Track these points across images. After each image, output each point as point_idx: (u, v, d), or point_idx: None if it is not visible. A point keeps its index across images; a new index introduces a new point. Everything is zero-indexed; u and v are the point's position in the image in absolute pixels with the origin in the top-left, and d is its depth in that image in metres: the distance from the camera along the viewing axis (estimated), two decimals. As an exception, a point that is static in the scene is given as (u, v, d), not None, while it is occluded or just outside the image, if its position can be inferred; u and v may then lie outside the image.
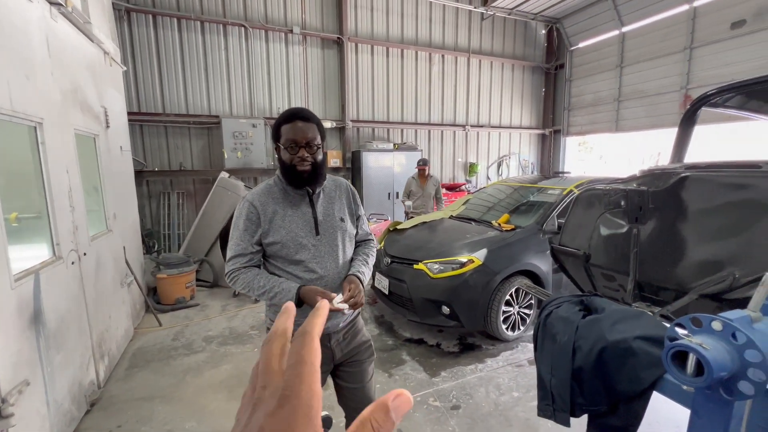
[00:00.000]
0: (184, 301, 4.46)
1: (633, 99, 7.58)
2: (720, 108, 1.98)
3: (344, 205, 1.54)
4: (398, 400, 0.24)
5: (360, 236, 1.62)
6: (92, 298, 2.77)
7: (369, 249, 1.62)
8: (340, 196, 1.54)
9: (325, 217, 1.47)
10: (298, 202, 1.45)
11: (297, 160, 1.36)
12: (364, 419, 0.23)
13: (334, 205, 1.51)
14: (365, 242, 1.65)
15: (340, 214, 1.50)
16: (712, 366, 0.64)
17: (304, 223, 1.43)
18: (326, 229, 1.46)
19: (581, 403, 1.25)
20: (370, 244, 1.65)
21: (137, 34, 5.68)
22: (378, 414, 0.23)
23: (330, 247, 1.45)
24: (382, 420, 0.23)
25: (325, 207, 1.49)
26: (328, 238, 1.45)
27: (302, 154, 1.35)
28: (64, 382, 2.27)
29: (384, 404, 0.24)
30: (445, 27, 7.97)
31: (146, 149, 5.95)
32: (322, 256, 1.43)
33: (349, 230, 1.52)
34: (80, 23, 2.93)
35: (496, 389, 2.81)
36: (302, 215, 1.44)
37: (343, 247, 1.49)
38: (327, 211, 1.48)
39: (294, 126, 1.36)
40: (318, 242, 1.43)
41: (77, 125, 2.78)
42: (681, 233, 1.50)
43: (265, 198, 1.43)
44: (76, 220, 2.60)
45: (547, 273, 3.58)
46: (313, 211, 1.45)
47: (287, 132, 1.36)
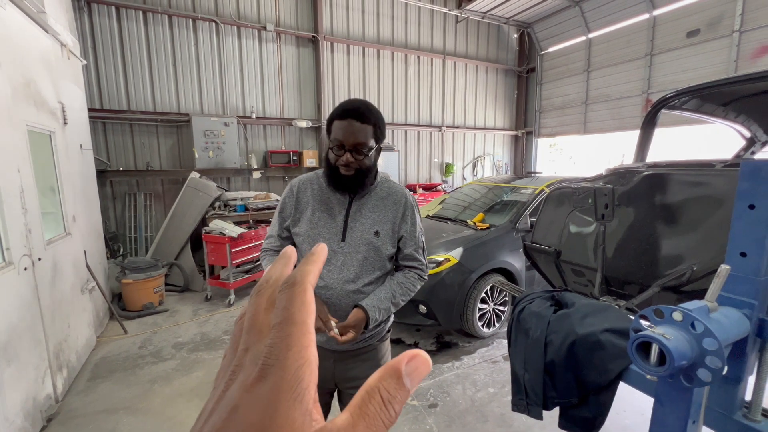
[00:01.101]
0: (152, 306, 4.26)
1: (599, 102, 7.92)
2: (678, 110, 2.09)
3: (388, 219, 1.33)
4: (413, 362, 0.20)
5: (404, 256, 1.38)
6: (48, 306, 2.59)
7: (407, 280, 1.37)
8: (387, 207, 1.34)
9: (357, 225, 1.31)
10: (336, 203, 1.32)
11: (341, 163, 1.23)
12: (371, 389, 0.19)
13: (375, 214, 1.33)
14: (409, 269, 1.39)
15: (377, 227, 1.31)
16: (673, 355, 0.66)
17: (333, 225, 1.31)
18: (353, 238, 1.30)
19: (553, 396, 1.28)
20: (412, 275, 1.38)
21: (99, 27, 5.38)
22: (388, 381, 0.19)
23: (350, 259, 1.29)
24: (394, 388, 0.19)
25: (363, 215, 1.32)
26: (351, 248, 1.29)
27: (347, 158, 1.21)
28: (16, 398, 2.11)
29: (396, 369, 0.19)
30: (421, 28, 8.04)
31: (110, 148, 5.64)
32: (338, 265, 1.29)
33: (382, 247, 1.32)
34: (33, 12, 2.74)
35: (473, 386, 2.85)
36: (333, 216, 1.31)
37: (366, 264, 1.30)
38: (363, 220, 1.31)
39: (346, 125, 1.21)
40: (340, 249, 1.29)
41: (30, 121, 2.59)
42: (644, 229, 1.56)
43: (305, 186, 1.36)
44: (29, 222, 2.42)
45: (521, 270, 3.67)
46: (346, 216, 1.31)
47: (337, 130, 1.22)
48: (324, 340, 1.32)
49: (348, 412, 0.18)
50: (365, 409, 0.18)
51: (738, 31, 5.66)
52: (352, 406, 0.19)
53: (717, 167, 1.41)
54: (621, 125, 7.52)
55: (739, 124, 2.32)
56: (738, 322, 0.80)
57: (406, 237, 1.36)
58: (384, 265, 1.34)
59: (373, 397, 0.19)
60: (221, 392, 0.20)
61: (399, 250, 1.37)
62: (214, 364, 3.18)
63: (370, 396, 0.19)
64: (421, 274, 1.40)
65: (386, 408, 0.18)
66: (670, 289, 1.44)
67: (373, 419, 0.18)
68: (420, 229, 1.40)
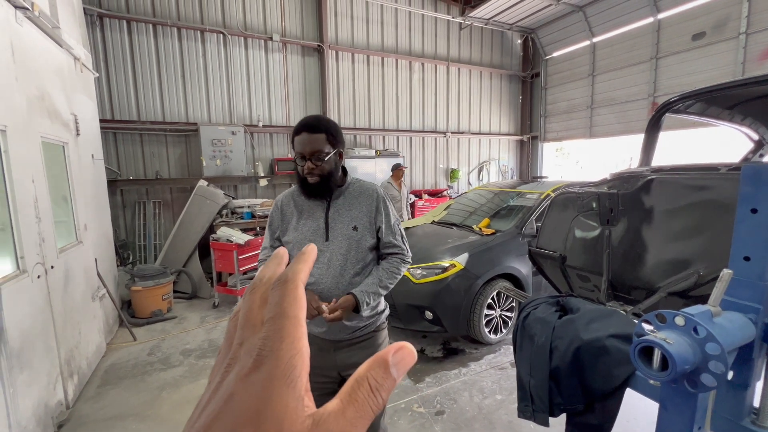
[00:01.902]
0: (160, 313, 4.31)
1: (605, 106, 7.89)
2: (683, 114, 2.09)
3: (363, 213, 1.47)
4: (399, 353, 0.21)
5: (384, 245, 1.51)
6: (60, 313, 2.64)
7: (391, 265, 1.49)
8: (362, 203, 1.48)
9: (337, 223, 1.46)
10: (315, 208, 1.48)
11: (306, 172, 1.39)
12: (360, 377, 0.20)
13: (351, 212, 1.47)
14: (391, 256, 1.52)
15: (354, 222, 1.46)
16: (675, 360, 0.66)
17: (315, 227, 1.46)
18: (335, 236, 1.45)
19: (559, 402, 1.27)
20: (395, 260, 1.51)
21: (111, 40, 5.53)
22: (376, 371, 0.21)
23: (334, 255, 1.43)
24: (381, 377, 0.20)
25: (340, 213, 1.47)
26: (335, 245, 1.44)
27: (309, 166, 1.37)
28: (28, 404, 2.15)
29: (383, 359, 0.21)
30: (425, 36, 8.12)
31: (120, 157, 5.76)
32: (324, 262, 1.43)
33: (361, 240, 1.46)
34: (48, 28, 2.83)
35: (480, 393, 2.82)
36: (315, 220, 1.47)
37: (349, 258, 1.44)
38: (341, 218, 1.46)
39: (301, 138, 1.38)
40: (326, 248, 1.44)
41: (44, 133, 2.67)
42: (649, 234, 1.55)
43: (287, 200, 1.53)
44: (43, 231, 2.48)
45: (527, 275, 3.65)
46: (326, 217, 1.46)
47: (297, 144, 1.40)
48: (324, 331, 1.46)
49: (338, 398, 0.20)
50: (354, 396, 0.20)
51: (744, 33, 5.63)
52: (342, 393, 0.20)
53: (722, 171, 1.41)
54: (627, 129, 7.48)
55: (746, 127, 2.30)
56: (743, 327, 0.80)
57: (383, 227, 1.50)
58: (365, 257, 1.48)
59: (362, 385, 0.20)
60: (217, 384, 0.21)
61: (379, 240, 1.51)
62: (221, 370, 3.20)
63: (359, 384, 0.20)
64: (402, 257, 1.53)
65: (374, 395, 0.20)
66: (677, 294, 1.42)
67: (361, 405, 0.19)
68: (394, 217, 1.55)
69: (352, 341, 1.48)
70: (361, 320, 1.47)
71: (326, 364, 1.48)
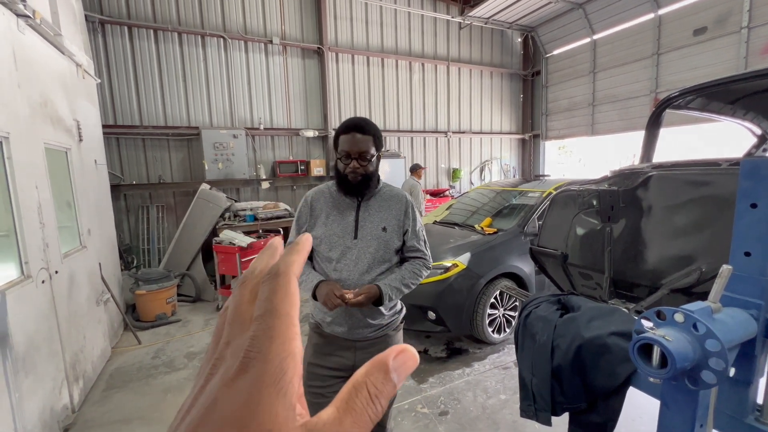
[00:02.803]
0: (164, 317, 4.33)
1: (606, 103, 7.86)
2: (683, 110, 2.07)
3: (393, 216, 1.52)
4: (401, 357, 0.20)
5: (408, 249, 1.55)
6: (65, 317, 2.66)
7: (414, 267, 1.53)
8: (392, 207, 1.54)
9: (367, 223, 1.49)
10: (346, 206, 1.51)
11: (349, 170, 1.43)
12: (358, 383, 0.19)
13: (381, 213, 1.52)
14: (414, 259, 1.56)
15: (384, 224, 1.50)
16: (674, 357, 0.66)
17: (345, 225, 1.48)
18: (364, 234, 1.48)
19: (561, 401, 1.27)
20: (418, 263, 1.55)
21: (112, 46, 5.58)
22: (375, 376, 0.19)
23: (363, 253, 1.46)
24: (381, 383, 0.19)
25: (371, 214, 1.51)
26: (364, 243, 1.47)
27: (354, 165, 1.42)
28: (34, 408, 2.17)
29: (383, 363, 0.19)
30: (424, 36, 8.12)
31: (123, 162, 5.81)
32: (353, 259, 1.46)
33: (390, 241, 1.50)
34: (50, 35, 2.86)
35: (484, 393, 2.81)
36: (345, 218, 1.49)
37: (377, 257, 1.47)
38: (372, 218, 1.50)
39: (350, 138, 1.42)
40: (354, 245, 1.47)
41: (47, 139, 2.70)
42: (651, 230, 1.54)
43: (318, 196, 1.55)
44: (47, 237, 2.50)
45: (530, 274, 3.63)
46: (357, 215, 1.49)
47: (343, 143, 1.43)
48: (345, 330, 1.47)
49: (334, 406, 0.18)
50: (352, 404, 0.18)
51: (746, 27, 5.58)
52: (338, 400, 0.19)
53: (723, 166, 1.40)
54: (629, 125, 7.44)
55: (748, 121, 2.28)
56: (744, 323, 0.79)
57: (410, 231, 1.55)
58: (391, 258, 1.52)
59: (360, 391, 0.18)
60: (200, 387, 0.19)
61: (404, 243, 1.55)
62: (225, 373, 3.21)
63: (357, 390, 0.18)
64: (425, 262, 1.58)
65: (373, 403, 0.18)
66: (679, 291, 1.41)
67: (359, 414, 0.18)
68: (420, 225, 1.59)
69: (372, 340, 1.50)
70: (383, 318, 1.51)
71: (345, 365, 1.49)
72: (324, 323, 1.50)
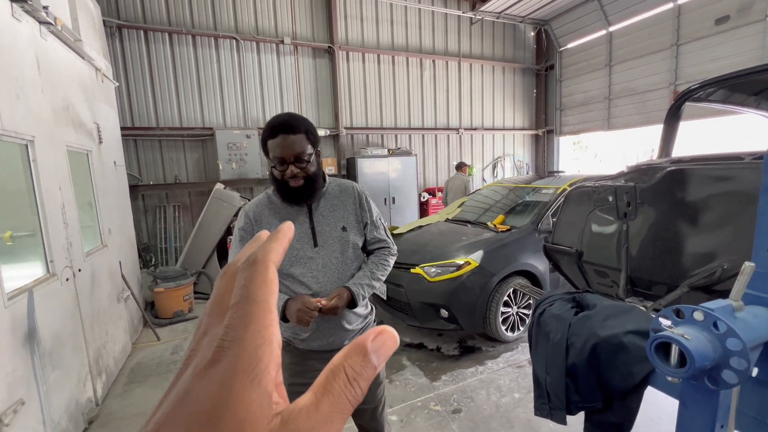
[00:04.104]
0: (182, 314, 4.43)
1: (623, 97, 7.66)
2: (704, 102, 2.01)
3: (349, 212, 1.42)
4: (380, 338, 0.19)
5: (371, 241, 1.48)
6: (88, 314, 2.76)
7: (380, 259, 1.47)
8: (345, 203, 1.43)
9: (324, 227, 1.38)
10: (296, 213, 1.37)
11: (288, 176, 1.27)
12: (335, 367, 0.18)
13: (336, 212, 1.41)
14: (378, 250, 1.50)
15: (342, 223, 1.40)
16: (693, 356, 0.64)
17: (301, 234, 1.36)
18: (325, 240, 1.37)
19: (577, 400, 1.25)
20: (382, 253, 1.49)
21: (129, 50, 5.72)
22: (354, 359, 0.18)
23: (329, 259, 1.36)
24: (360, 366, 0.18)
25: (325, 216, 1.39)
26: (327, 249, 1.37)
27: (292, 170, 1.26)
28: (60, 401, 2.25)
29: (362, 346, 0.19)
30: (435, 33, 8.06)
31: (141, 163, 5.96)
32: (319, 269, 1.35)
33: (353, 240, 1.41)
34: (71, 41, 2.95)
35: (497, 391, 2.80)
36: (299, 226, 1.36)
37: (345, 259, 1.39)
38: (327, 221, 1.39)
39: (280, 141, 1.25)
40: (316, 254, 1.36)
41: (69, 142, 2.79)
42: (670, 227, 1.51)
43: (260, 209, 1.39)
44: (70, 236, 2.59)
45: (545, 272, 3.58)
46: (311, 222, 1.37)
47: (274, 148, 1.27)
48: (324, 343, 1.39)
49: (312, 391, 0.18)
50: (329, 387, 0.18)
51: (772, 15, 5.36)
52: (316, 385, 0.18)
53: (746, 160, 1.35)
54: (647, 119, 7.24)
55: (773, 113, 2.20)
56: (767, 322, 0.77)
57: (369, 223, 1.47)
58: (359, 256, 1.45)
59: (338, 375, 0.18)
60: (174, 380, 0.18)
61: (364, 237, 1.47)
62: (241, 369, 3.27)
63: (335, 374, 0.18)
64: (390, 250, 1.51)
65: (351, 386, 0.18)
66: (700, 289, 1.38)
67: (337, 397, 0.17)
68: (377, 213, 1.52)
69: None
70: (358, 321, 1.44)
71: None
72: (297, 340, 1.40)
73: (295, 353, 1.41)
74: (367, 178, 7.02)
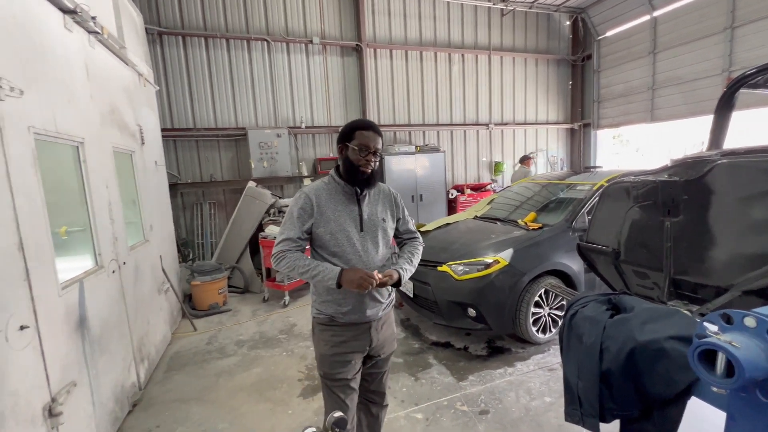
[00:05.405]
0: (217, 306, 4.64)
1: (669, 86, 7.15)
2: (762, 89, 1.83)
3: (386, 208, 1.73)
4: None
5: (404, 233, 1.81)
6: (132, 304, 2.94)
7: (413, 248, 1.78)
8: (383, 200, 1.73)
9: (369, 215, 1.65)
10: (347, 200, 1.63)
11: (363, 162, 1.56)
12: None
13: (377, 206, 1.70)
14: (410, 240, 1.82)
15: (383, 215, 1.69)
16: (743, 366, 0.58)
17: (351, 218, 1.61)
18: (369, 226, 1.64)
19: (611, 407, 1.18)
20: (415, 243, 1.81)
21: (169, 55, 6.03)
22: None
23: (371, 243, 1.63)
24: None
25: (369, 207, 1.67)
26: (370, 234, 1.63)
27: (370, 158, 1.57)
28: (107, 384, 2.42)
29: None
30: (464, 26, 7.89)
31: (180, 163, 6.28)
32: (363, 250, 1.61)
33: (389, 230, 1.72)
34: (116, 49, 3.14)
35: (527, 394, 2.71)
36: (350, 212, 1.62)
37: (383, 244, 1.67)
38: (371, 211, 1.67)
39: (371, 134, 1.58)
40: (362, 237, 1.61)
41: (115, 143, 2.98)
42: (719, 225, 1.39)
43: (319, 192, 1.63)
44: (116, 231, 2.78)
45: (579, 272, 3.43)
46: (360, 209, 1.63)
47: (362, 137, 1.56)
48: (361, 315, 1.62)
49: None
50: None
51: None
52: None
53: (811, 151, 1.22)
54: (696, 110, 6.72)
55: None
56: (835, 331, 0.68)
57: (402, 218, 1.79)
58: (389, 243, 1.73)
59: None
60: None
61: (397, 230, 1.80)
62: (270, 361, 3.38)
63: None
64: (419, 240, 1.84)
65: None
66: (754, 293, 1.26)
67: None
68: (406, 210, 1.85)
69: (383, 319, 1.71)
70: (386, 296, 1.71)
71: (363, 345, 1.66)
72: (339, 314, 1.61)
73: (337, 328, 1.63)
74: (394, 175, 7.00)
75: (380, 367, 1.79)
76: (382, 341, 1.73)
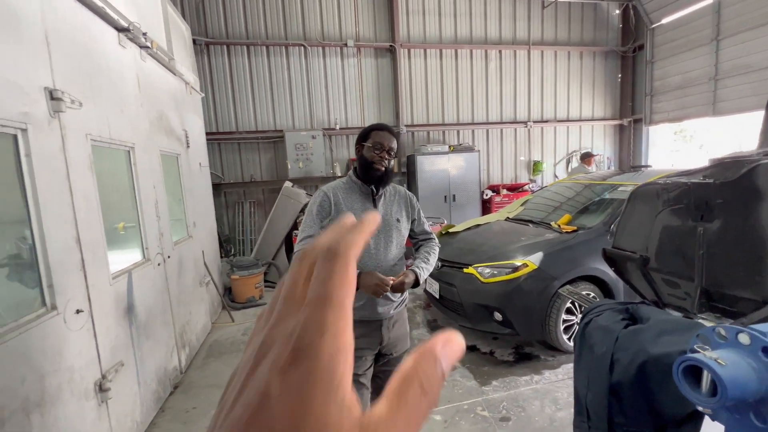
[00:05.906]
0: (254, 300, 4.90)
1: (734, 76, 6.46)
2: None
3: (402, 209, 1.76)
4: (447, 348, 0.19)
5: (419, 234, 1.84)
6: (175, 295, 3.21)
7: (430, 248, 1.81)
8: (399, 201, 1.77)
9: (384, 215, 1.70)
10: (363, 199, 1.69)
11: (377, 159, 1.63)
12: (409, 376, 0.18)
13: (393, 207, 1.74)
14: (426, 241, 1.85)
15: (397, 216, 1.73)
16: (725, 384, 0.55)
17: None
18: (384, 226, 1.68)
19: (622, 422, 1.12)
20: (431, 243, 1.84)
21: (214, 63, 6.45)
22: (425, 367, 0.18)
23: (384, 242, 1.67)
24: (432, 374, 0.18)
25: (385, 207, 1.72)
26: (385, 234, 1.67)
27: (383, 156, 1.64)
28: (151, 366, 2.67)
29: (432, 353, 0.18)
30: (502, 21, 7.65)
31: (223, 164, 6.70)
32: (376, 249, 1.65)
33: (403, 230, 1.75)
34: (165, 61, 3.44)
35: (553, 403, 2.60)
36: (365, 210, 1.66)
37: (395, 245, 1.71)
38: (386, 211, 1.72)
39: (384, 134, 1.67)
40: (375, 236, 1.65)
41: (162, 147, 3.26)
42: (758, 231, 1.26)
43: (338, 190, 1.70)
44: (162, 228, 3.04)
45: (617, 279, 3.20)
46: (375, 208, 1.68)
47: (376, 136, 1.66)
48: (372, 312, 1.64)
49: (386, 399, 0.17)
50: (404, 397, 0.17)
51: None
52: (389, 393, 0.18)
53: None
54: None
55: None
56: None
57: (417, 219, 1.82)
58: (402, 244, 1.75)
59: (412, 384, 0.17)
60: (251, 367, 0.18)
61: (413, 230, 1.83)
62: (299, 354, 3.52)
63: (408, 383, 0.17)
64: (435, 240, 1.86)
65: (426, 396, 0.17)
66: (796, 308, 1.13)
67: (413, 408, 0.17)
68: (422, 211, 1.87)
69: (395, 317, 1.73)
70: (399, 295, 1.71)
71: (374, 342, 1.69)
72: None
73: None
74: (427, 175, 6.97)
75: (392, 365, 1.80)
76: (394, 340, 1.75)
